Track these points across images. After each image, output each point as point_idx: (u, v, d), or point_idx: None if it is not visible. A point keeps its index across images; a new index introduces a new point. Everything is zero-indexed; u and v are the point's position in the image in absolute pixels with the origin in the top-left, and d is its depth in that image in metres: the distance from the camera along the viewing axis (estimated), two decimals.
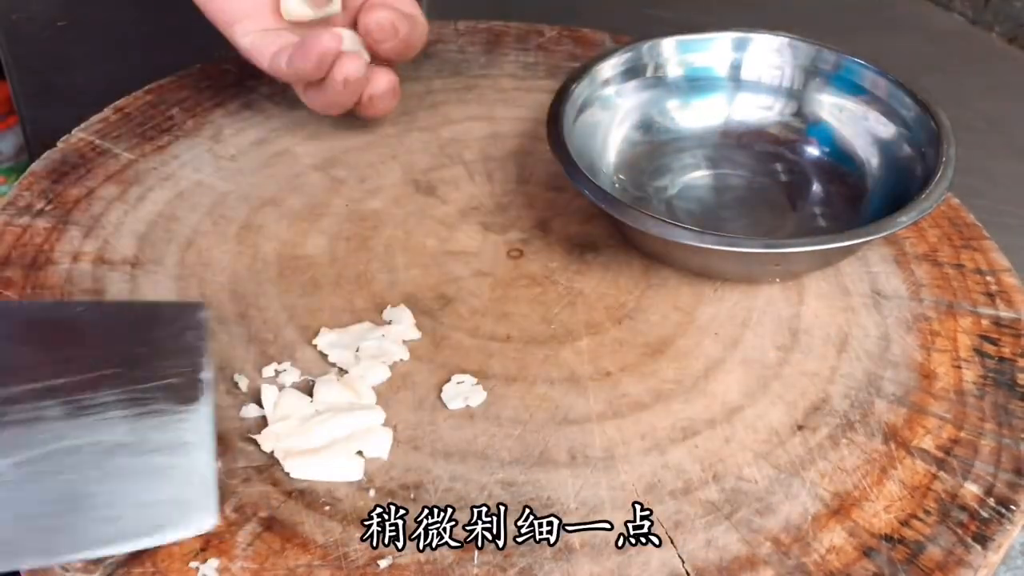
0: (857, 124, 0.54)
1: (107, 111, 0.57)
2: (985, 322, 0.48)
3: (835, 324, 0.47)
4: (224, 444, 0.40)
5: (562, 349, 0.45)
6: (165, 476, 0.37)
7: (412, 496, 0.38)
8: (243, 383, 0.42)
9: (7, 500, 0.35)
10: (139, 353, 0.40)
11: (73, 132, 0.56)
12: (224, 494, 0.38)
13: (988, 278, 0.50)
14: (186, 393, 0.39)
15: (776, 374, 0.45)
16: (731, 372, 0.45)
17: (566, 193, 0.54)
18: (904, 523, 0.39)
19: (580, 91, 0.53)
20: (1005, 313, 0.48)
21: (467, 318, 0.47)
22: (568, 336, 0.46)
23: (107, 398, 0.38)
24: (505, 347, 0.45)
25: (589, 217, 0.53)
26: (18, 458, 0.36)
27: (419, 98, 0.61)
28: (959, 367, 0.45)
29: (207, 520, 0.36)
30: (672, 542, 0.37)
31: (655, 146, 0.56)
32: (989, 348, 0.46)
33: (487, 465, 0.40)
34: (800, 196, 0.54)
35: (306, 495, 0.38)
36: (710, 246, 0.44)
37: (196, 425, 0.38)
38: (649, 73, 0.56)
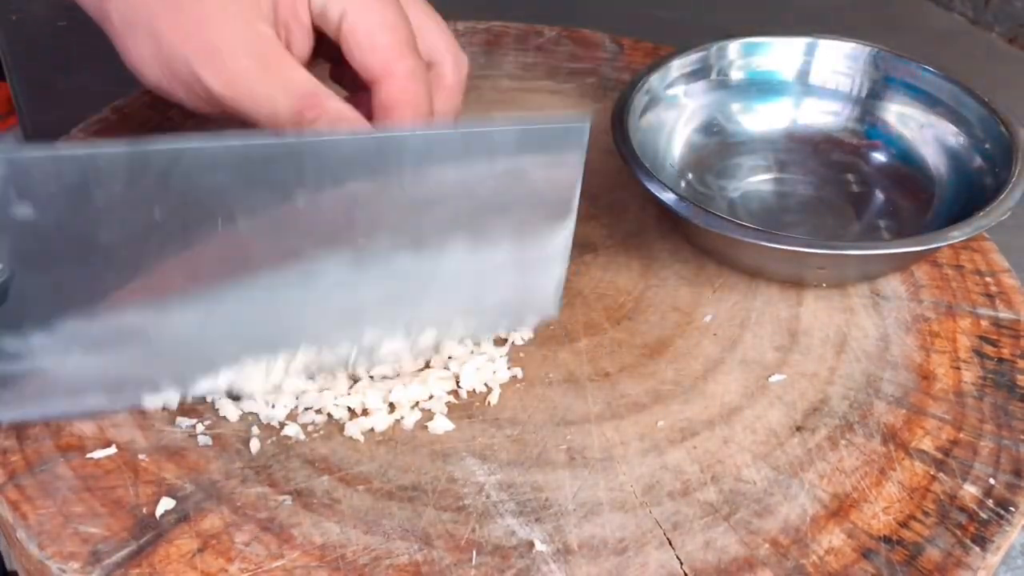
0: (926, 133, 0.54)
1: (106, 111, 0.57)
2: (984, 323, 0.48)
3: (834, 325, 0.47)
4: (221, 446, 0.40)
5: (561, 350, 0.45)
6: (525, 283, 0.44)
7: (409, 497, 0.38)
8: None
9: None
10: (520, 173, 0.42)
11: (72, 132, 0.55)
12: (222, 496, 0.38)
13: (987, 279, 0.50)
14: (557, 211, 0.42)
15: (775, 375, 0.44)
16: (730, 373, 0.45)
17: None
18: (903, 524, 0.38)
19: (646, 91, 0.53)
20: (1004, 314, 0.48)
21: None
22: (567, 337, 0.46)
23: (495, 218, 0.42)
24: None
25: (588, 217, 0.52)
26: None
27: None
28: (958, 368, 0.45)
29: (550, 311, 0.45)
30: (670, 543, 0.37)
31: (721, 147, 0.56)
32: (988, 349, 0.46)
33: (485, 466, 0.40)
34: (866, 205, 0.53)
35: (303, 495, 0.38)
36: (759, 242, 0.45)
37: (558, 241, 0.43)
38: (714, 75, 0.56)
